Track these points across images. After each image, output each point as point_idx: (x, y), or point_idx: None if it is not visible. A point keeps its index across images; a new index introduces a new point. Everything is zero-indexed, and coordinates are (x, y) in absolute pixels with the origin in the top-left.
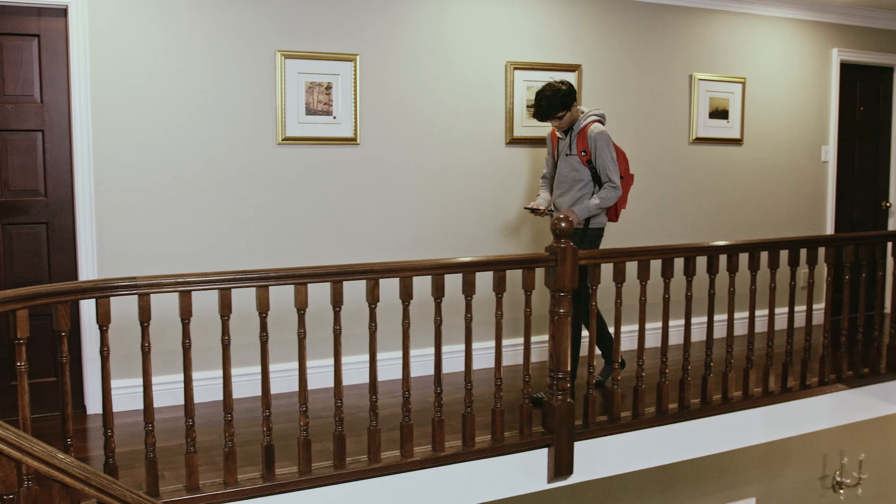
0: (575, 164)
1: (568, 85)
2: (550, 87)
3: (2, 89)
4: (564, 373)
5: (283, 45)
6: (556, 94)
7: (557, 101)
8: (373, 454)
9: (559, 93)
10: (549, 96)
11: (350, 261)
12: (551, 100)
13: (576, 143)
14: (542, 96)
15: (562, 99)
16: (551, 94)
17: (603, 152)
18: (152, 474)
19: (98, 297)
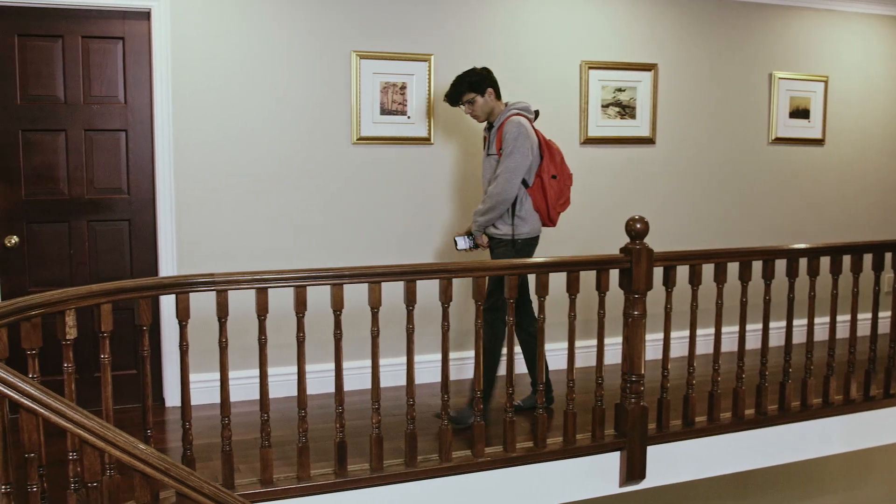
0: (495, 166)
1: (485, 69)
2: (466, 70)
3: (88, 90)
4: (638, 376)
5: (359, 46)
6: (469, 73)
7: (466, 81)
8: (444, 453)
9: (472, 73)
10: (460, 76)
11: (422, 260)
12: (461, 80)
13: (494, 142)
14: (455, 78)
15: (471, 79)
16: (462, 75)
17: (508, 144)
18: (228, 467)
19: (178, 292)
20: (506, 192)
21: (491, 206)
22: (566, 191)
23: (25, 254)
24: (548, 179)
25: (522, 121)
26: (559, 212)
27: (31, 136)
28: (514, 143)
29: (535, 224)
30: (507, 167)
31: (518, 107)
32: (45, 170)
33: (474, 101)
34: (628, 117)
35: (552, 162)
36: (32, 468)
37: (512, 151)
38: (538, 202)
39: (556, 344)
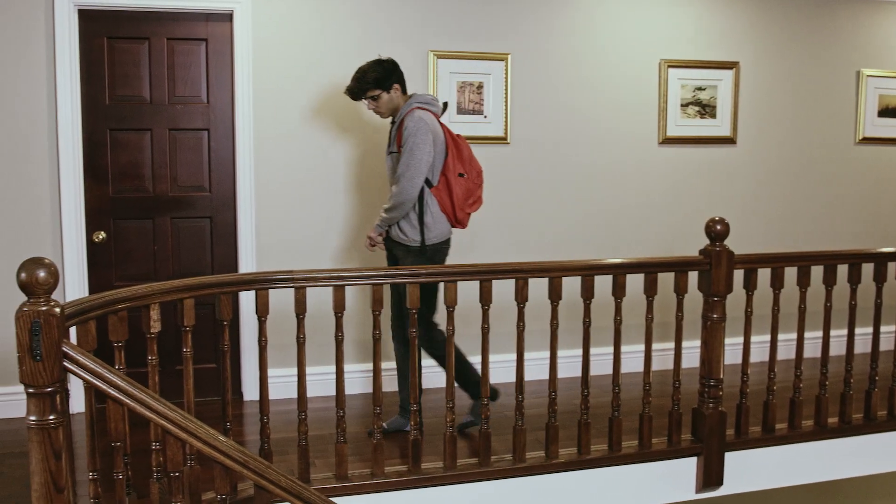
0: (396, 162)
1: (391, 61)
2: (370, 62)
3: (172, 91)
4: (717, 380)
5: (436, 45)
6: (371, 68)
7: (371, 76)
8: (518, 454)
9: (377, 67)
10: (364, 69)
11: (498, 259)
12: (365, 74)
13: (395, 138)
14: (358, 70)
15: (376, 74)
16: (367, 68)
17: (407, 141)
18: (304, 461)
19: (257, 289)
20: (407, 192)
21: (392, 205)
22: (476, 189)
23: (112, 249)
24: (454, 178)
25: (424, 115)
26: (468, 213)
27: (119, 136)
28: (413, 139)
29: (445, 227)
30: (407, 166)
31: (420, 100)
32: (131, 168)
33: (379, 98)
34: (708, 116)
35: (459, 158)
36: (118, 456)
37: (412, 149)
38: (444, 203)
39: (632, 346)
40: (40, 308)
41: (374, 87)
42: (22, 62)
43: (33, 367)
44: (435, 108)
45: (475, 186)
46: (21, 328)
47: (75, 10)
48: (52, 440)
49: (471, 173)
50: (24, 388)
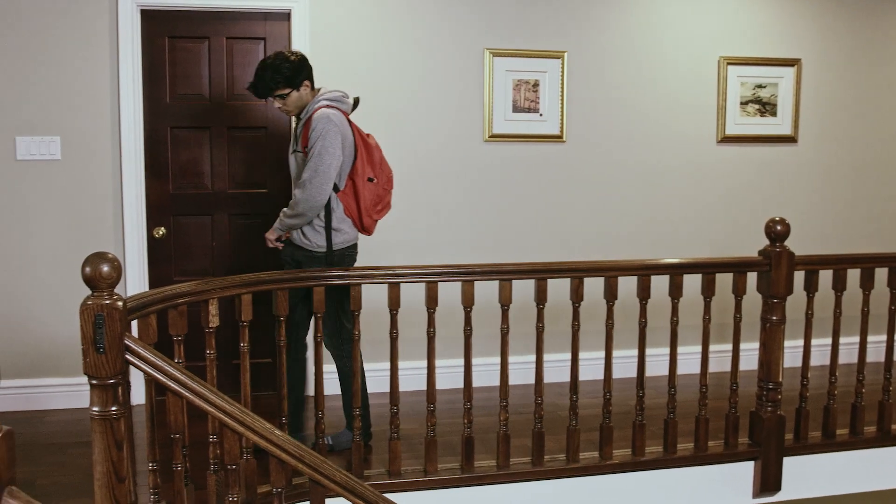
0: (301, 163)
1: (300, 56)
2: (276, 56)
3: (231, 89)
4: (776, 383)
5: (492, 44)
6: (281, 63)
7: (281, 73)
8: (571, 454)
9: (285, 63)
10: (271, 65)
11: (553, 258)
12: (274, 71)
13: (301, 137)
14: (262, 65)
15: (287, 71)
16: (275, 64)
17: (315, 142)
18: (358, 457)
19: (314, 285)
20: (314, 199)
21: (296, 212)
22: (385, 195)
23: (171, 245)
24: (362, 183)
25: (332, 114)
26: (375, 219)
27: (179, 133)
28: (322, 142)
29: (352, 232)
30: (315, 171)
31: (329, 97)
32: (190, 165)
33: (288, 97)
34: (768, 115)
35: (369, 162)
36: (177, 448)
37: (320, 153)
38: (350, 208)
39: (688, 348)
40: (104, 301)
41: (284, 86)
42: (87, 61)
43: (97, 360)
44: (345, 105)
45: (384, 192)
46: (85, 321)
47: (138, 10)
48: (113, 431)
49: (381, 178)
50: (87, 379)
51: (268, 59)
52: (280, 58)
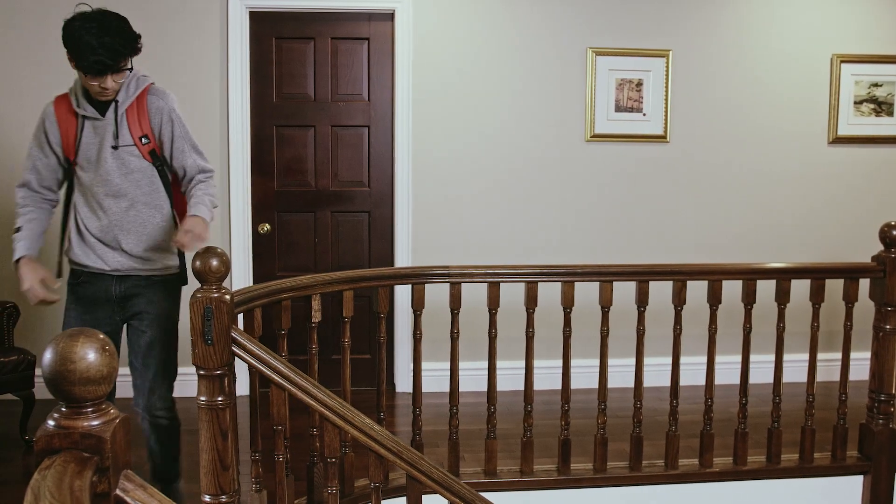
0: (133, 162)
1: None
2: (115, 16)
3: (335, 89)
4: (888, 395)
5: (594, 42)
6: (125, 25)
7: (132, 42)
8: (670, 460)
9: (132, 32)
10: (116, 27)
11: (656, 260)
12: (126, 37)
13: (128, 125)
14: (106, 26)
15: (135, 41)
16: (121, 26)
17: (176, 123)
18: (454, 455)
19: (414, 283)
20: (215, 186)
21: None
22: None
23: (275, 241)
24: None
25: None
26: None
27: (284, 132)
28: (179, 117)
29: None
30: (198, 152)
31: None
32: (295, 163)
33: (123, 73)
34: (885, 115)
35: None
36: (279, 439)
37: (186, 130)
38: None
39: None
40: (212, 295)
41: (131, 56)
42: (197, 62)
43: (205, 351)
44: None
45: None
46: (195, 313)
47: (247, 11)
48: (219, 420)
49: None
50: (195, 369)
51: (105, 19)
52: (120, 18)
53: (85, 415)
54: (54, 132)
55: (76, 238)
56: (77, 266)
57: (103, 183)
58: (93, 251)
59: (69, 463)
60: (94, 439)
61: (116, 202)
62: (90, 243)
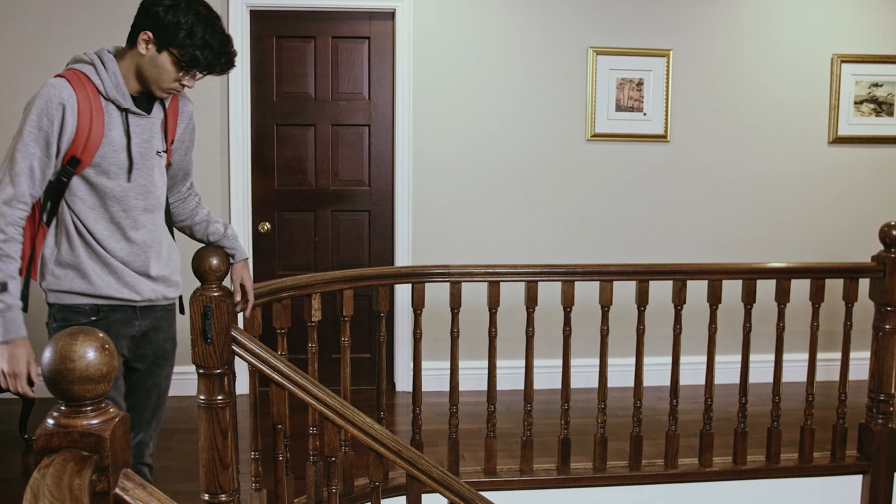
0: (164, 171)
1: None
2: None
3: (336, 87)
4: (888, 395)
5: (595, 42)
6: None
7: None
8: (670, 459)
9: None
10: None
11: (655, 260)
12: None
13: (163, 128)
14: (223, 29)
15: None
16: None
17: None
18: (454, 454)
19: (414, 282)
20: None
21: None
22: None
23: (275, 240)
24: None
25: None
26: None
27: (284, 131)
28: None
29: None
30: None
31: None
32: (295, 162)
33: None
34: (885, 115)
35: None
36: (279, 438)
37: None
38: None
39: (792, 355)
40: (212, 294)
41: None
42: None
43: (204, 350)
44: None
45: None
46: (194, 312)
47: (247, 10)
48: (219, 419)
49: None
50: (195, 368)
51: (213, 15)
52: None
53: (84, 413)
54: (72, 125)
55: (90, 264)
56: (89, 299)
57: (144, 194)
58: (119, 279)
59: (68, 462)
60: (93, 438)
61: (152, 218)
62: (116, 269)
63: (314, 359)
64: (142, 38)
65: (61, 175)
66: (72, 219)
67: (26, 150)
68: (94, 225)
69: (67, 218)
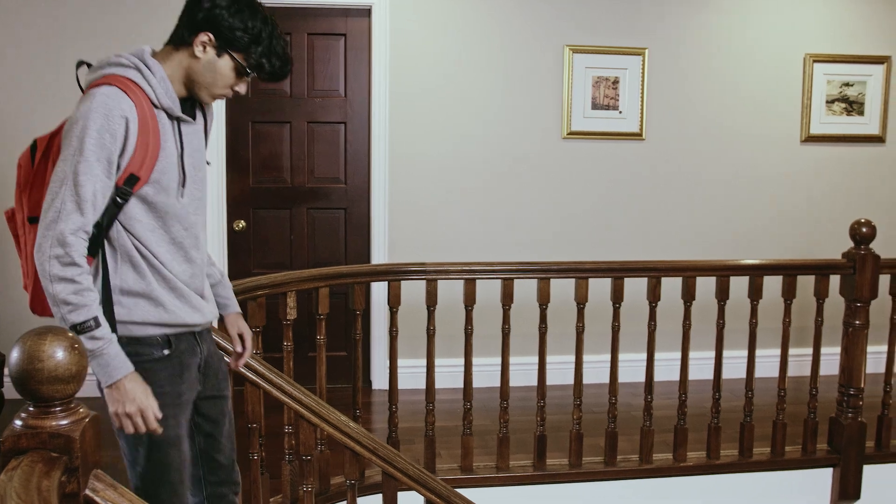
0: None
1: None
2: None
3: (312, 85)
4: (857, 389)
5: (572, 40)
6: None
7: None
8: (644, 455)
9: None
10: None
11: (630, 257)
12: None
13: (205, 134)
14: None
15: None
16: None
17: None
18: (430, 451)
19: (391, 279)
20: None
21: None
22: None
23: (251, 237)
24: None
25: None
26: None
27: (260, 128)
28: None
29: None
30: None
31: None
32: (270, 159)
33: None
34: (855, 114)
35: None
36: (254, 438)
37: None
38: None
39: (766, 350)
40: None
41: None
42: None
43: None
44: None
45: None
46: None
47: None
48: None
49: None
50: None
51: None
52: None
53: (53, 414)
54: (133, 140)
55: (161, 290)
56: (161, 329)
57: (201, 209)
58: (187, 303)
59: (37, 463)
60: (62, 439)
61: (203, 234)
62: (184, 293)
63: (289, 357)
64: (200, 39)
65: (117, 196)
66: (132, 243)
67: (91, 173)
68: (157, 248)
69: (127, 243)
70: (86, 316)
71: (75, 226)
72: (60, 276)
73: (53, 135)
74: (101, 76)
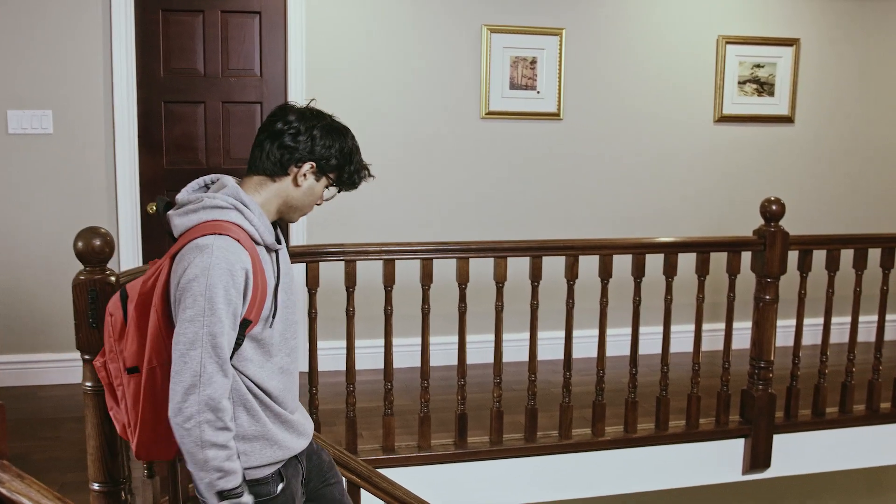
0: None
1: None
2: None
3: (226, 63)
4: (767, 362)
5: (490, 20)
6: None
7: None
8: (564, 430)
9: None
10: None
11: (549, 236)
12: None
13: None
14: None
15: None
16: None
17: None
18: (352, 432)
19: (308, 261)
20: None
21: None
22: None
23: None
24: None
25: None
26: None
27: (173, 108)
28: None
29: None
30: None
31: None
32: (185, 140)
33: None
34: (766, 94)
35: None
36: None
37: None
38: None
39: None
40: (96, 276)
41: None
42: (79, 34)
43: (89, 335)
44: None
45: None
46: (78, 296)
47: None
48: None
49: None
50: (80, 354)
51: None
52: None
53: None
54: (251, 290)
55: (275, 428)
56: (275, 466)
57: (295, 333)
58: (293, 430)
59: None
60: None
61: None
62: (290, 421)
63: None
64: (304, 170)
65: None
66: (245, 385)
67: (225, 333)
68: (269, 382)
69: (241, 386)
70: (235, 483)
71: (223, 388)
72: (213, 441)
73: (145, 282)
74: (202, 221)
